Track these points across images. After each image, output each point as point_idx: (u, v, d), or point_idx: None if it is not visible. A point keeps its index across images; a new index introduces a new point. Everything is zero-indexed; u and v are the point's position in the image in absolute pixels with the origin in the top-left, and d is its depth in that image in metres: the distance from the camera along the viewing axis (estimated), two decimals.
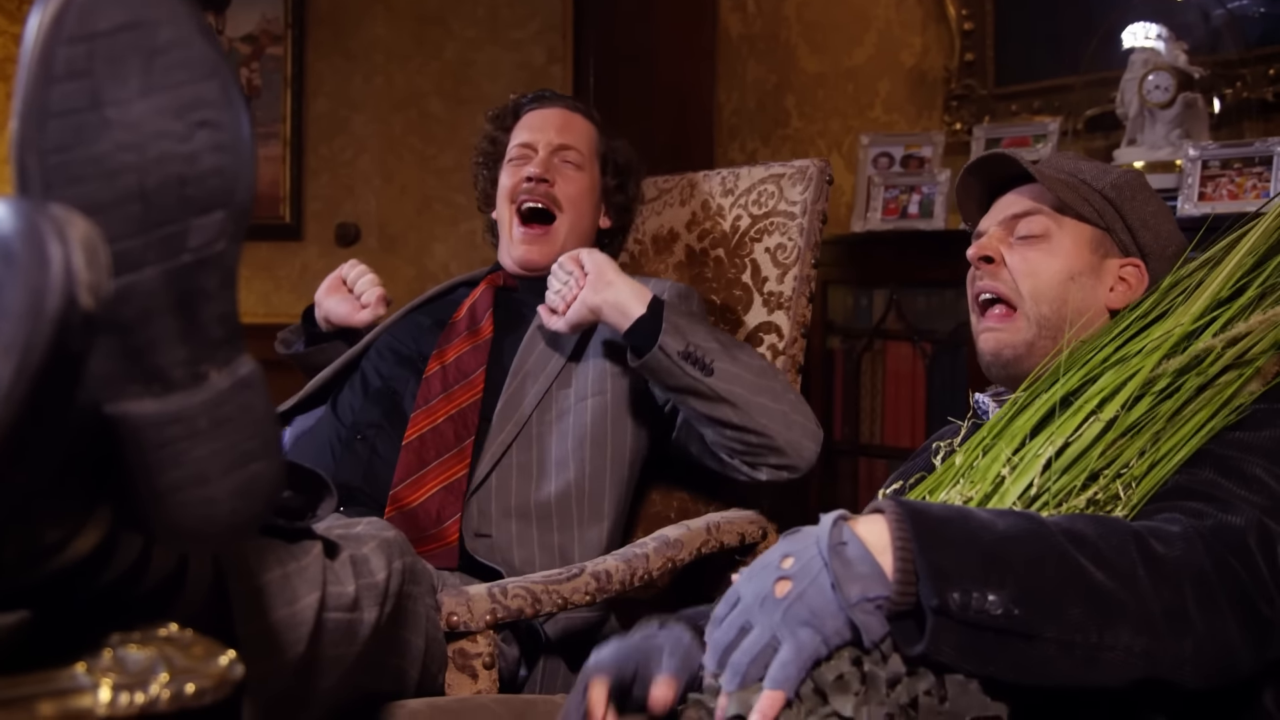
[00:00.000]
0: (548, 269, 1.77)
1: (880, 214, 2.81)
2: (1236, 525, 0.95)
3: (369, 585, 0.99)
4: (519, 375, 1.71)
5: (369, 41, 3.70)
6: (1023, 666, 0.86)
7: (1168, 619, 0.88)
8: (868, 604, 0.86)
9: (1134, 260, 1.26)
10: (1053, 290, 1.24)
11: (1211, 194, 2.23)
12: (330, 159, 3.73)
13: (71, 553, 0.66)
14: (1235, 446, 1.03)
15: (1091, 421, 1.07)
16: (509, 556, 1.57)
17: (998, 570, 0.86)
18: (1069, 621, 0.86)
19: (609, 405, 1.69)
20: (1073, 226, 1.26)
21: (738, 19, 3.50)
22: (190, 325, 0.68)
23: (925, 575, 0.85)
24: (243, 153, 0.69)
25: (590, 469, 1.65)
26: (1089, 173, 1.29)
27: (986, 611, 0.84)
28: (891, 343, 2.80)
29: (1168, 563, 0.90)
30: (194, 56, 0.68)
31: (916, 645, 0.85)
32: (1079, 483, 1.04)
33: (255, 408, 0.70)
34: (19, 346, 0.52)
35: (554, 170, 1.84)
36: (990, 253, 1.27)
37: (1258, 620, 0.91)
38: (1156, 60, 2.44)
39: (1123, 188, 1.27)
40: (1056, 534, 0.90)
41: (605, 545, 1.64)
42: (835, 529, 0.90)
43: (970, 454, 1.12)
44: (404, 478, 1.60)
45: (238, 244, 0.70)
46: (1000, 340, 1.26)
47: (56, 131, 0.66)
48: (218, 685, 0.67)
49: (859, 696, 0.84)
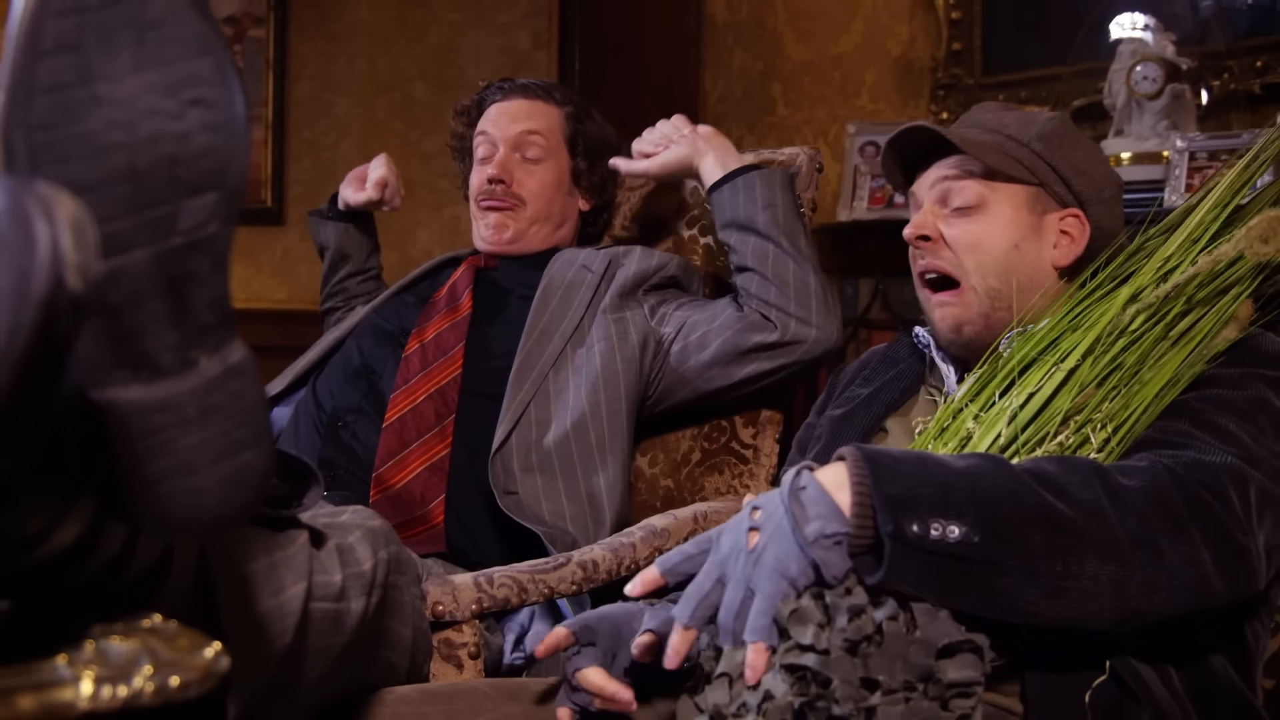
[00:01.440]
0: (517, 248, 1.81)
1: (866, 203, 2.80)
2: (1211, 462, 0.96)
3: (355, 574, 0.98)
4: (534, 334, 1.71)
5: (352, 24, 3.67)
6: (986, 598, 0.88)
7: (1134, 547, 0.90)
8: (826, 540, 0.88)
9: (1073, 210, 1.24)
10: (998, 261, 1.22)
11: (1199, 185, 2.23)
12: (313, 143, 3.70)
13: (54, 543, 0.64)
14: (1210, 402, 1.04)
15: (1055, 371, 1.07)
16: (538, 511, 1.57)
17: (956, 501, 0.88)
18: (1031, 549, 0.88)
19: (615, 347, 1.71)
20: (1006, 190, 1.22)
21: (724, 6, 3.49)
22: (180, 310, 0.66)
23: (882, 506, 0.87)
24: (236, 133, 0.67)
25: (606, 410, 1.66)
26: (1013, 126, 1.25)
27: (944, 539, 0.86)
28: (877, 332, 2.80)
29: (1133, 493, 0.92)
30: (187, 32, 0.66)
31: (877, 573, 0.87)
32: (1050, 430, 1.05)
33: (246, 395, 0.68)
34: (3, 330, 0.51)
35: (513, 168, 1.84)
36: (927, 231, 1.24)
37: (1231, 548, 0.93)
38: (1144, 51, 2.44)
39: (1049, 137, 1.24)
40: (1018, 470, 0.92)
41: (622, 486, 1.66)
42: (797, 477, 0.92)
43: (939, 422, 1.13)
44: (386, 459, 1.59)
45: (230, 227, 0.68)
46: (956, 316, 1.24)
47: (44, 108, 0.64)
48: (203, 678, 0.65)
49: (819, 626, 0.85)
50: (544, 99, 1.90)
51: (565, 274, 1.77)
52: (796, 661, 0.84)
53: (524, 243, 1.84)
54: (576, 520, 1.59)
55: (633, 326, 1.73)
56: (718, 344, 1.68)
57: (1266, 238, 1.06)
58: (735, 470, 1.80)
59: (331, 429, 1.66)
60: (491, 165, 1.83)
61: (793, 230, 1.67)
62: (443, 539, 1.56)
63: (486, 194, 1.83)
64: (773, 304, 1.65)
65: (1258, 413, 1.03)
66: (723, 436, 1.82)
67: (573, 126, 1.90)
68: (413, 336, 1.73)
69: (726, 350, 1.68)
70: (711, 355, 1.69)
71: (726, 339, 1.68)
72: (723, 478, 1.80)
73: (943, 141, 1.24)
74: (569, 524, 1.58)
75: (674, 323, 1.74)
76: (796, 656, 0.85)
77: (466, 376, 1.68)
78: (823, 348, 1.67)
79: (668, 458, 1.86)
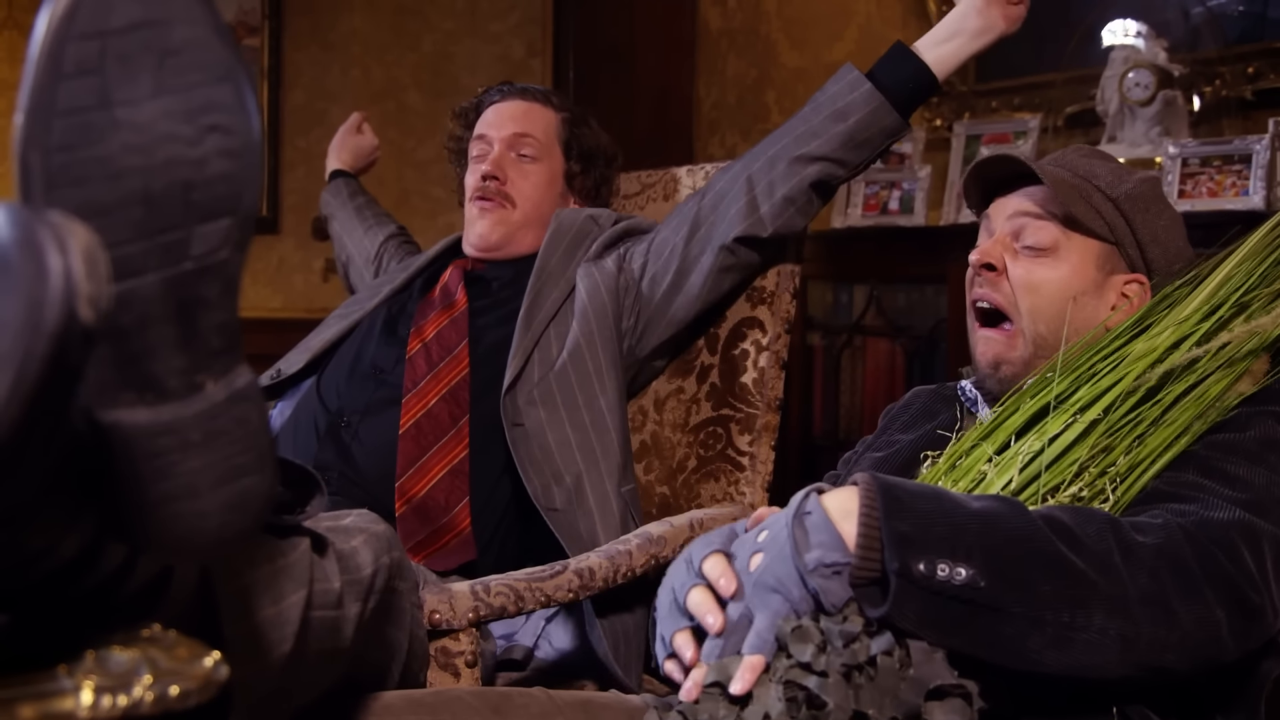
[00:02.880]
0: (504, 254, 1.83)
1: (861, 210, 2.81)
2: (1220, 519, 0.95)
3: (354, 581, 0.98)
4: (541, 276, 1.75)
5: (346, 33, 3.68)
6: (989, 643, 0.87)
7: (1144, 604, 0.89)
8: (825, 569, 0.87)
9: (1139, 277, 1.21)
10: (1052, 308, 1.19)
11: (1191, 191, 2.24)
12: (307, 151, 3.70)
13: (54, 559, 0.64)
14: (1219, 448, 1.03)
15: (1075, 422, 1.07)
16: (544, 441, 1.61)
17: (965, 543, 0.87)
18: (1039, 598, 0.87)
19: (599, 280, 1.75)
20: (1080, 241, 1.20)
21: (718, 13, 3.50)
22: (189, 334, 0.66)
23: (889, 542, 0.86)
24: (251, 159, 0.67)
25: (599, 338, 1.71)
26: (1104, 178, 1.23)
27: (950, 581, 0.85)
28: (871, 339, 2.80)
29: (1146, 549, 0.91)
30: (209, 58, 0.66)
31: (880, 608, 0.86)
32: (1066, 478, 1.04)
33: (250, 420, 0.68)
34: (15, 361, 0.50)
35: (507, 165, 1.85)
36: (993, 260, 1.22)
37: (1246, 608, 0.92)
38: (1136, 57, 2.45)
39: (1137, 199, 1.21)
40: (1032, 516, 0.91)
41: (621, 410, 1.70)
42: (804, 500, 0.92)
43: (954, 454, 1.12)
44: (407, 467, 1.60)
45: (242, 252, 0.68)
46: (999, 355, 1.22)
47: (62, 130, 0.64)
48: (202, 686, 0.65)
49: (818, 647, 0.85)
50: (541, 102, 1.92)
51: (574, 220, 1.82)
52: (797, 680, 0.84)
53: (512, 246, 1.85)
54: (583, 448, 1.62)
55: (610, 262, 1.78)
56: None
57: None
58: (731, 477, 1.80)
59: (333, 430, 1.66)
60: (486, 162, 1.85)
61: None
62: (472, 545, 1.57)
63: (480, 190, 1.85)
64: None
65: (1268, 453, 1.02)
66: (719, 444, 1.82)
67: (568, 130, 1.92)
68: (413, 336, 1.73)
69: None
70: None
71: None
72: (719, 485, 1.81)
73: (1028, 174, 1.23)
74: (576, 451, 1.61)
75: (641, 249, 1.80)
76: (797, 675, 0.85)
77: (475, 373, 1.69)
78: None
79: (664, 465, 1.86)
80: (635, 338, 1.77)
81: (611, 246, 1.81)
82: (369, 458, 1.61)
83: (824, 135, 1.63)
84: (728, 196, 1.70)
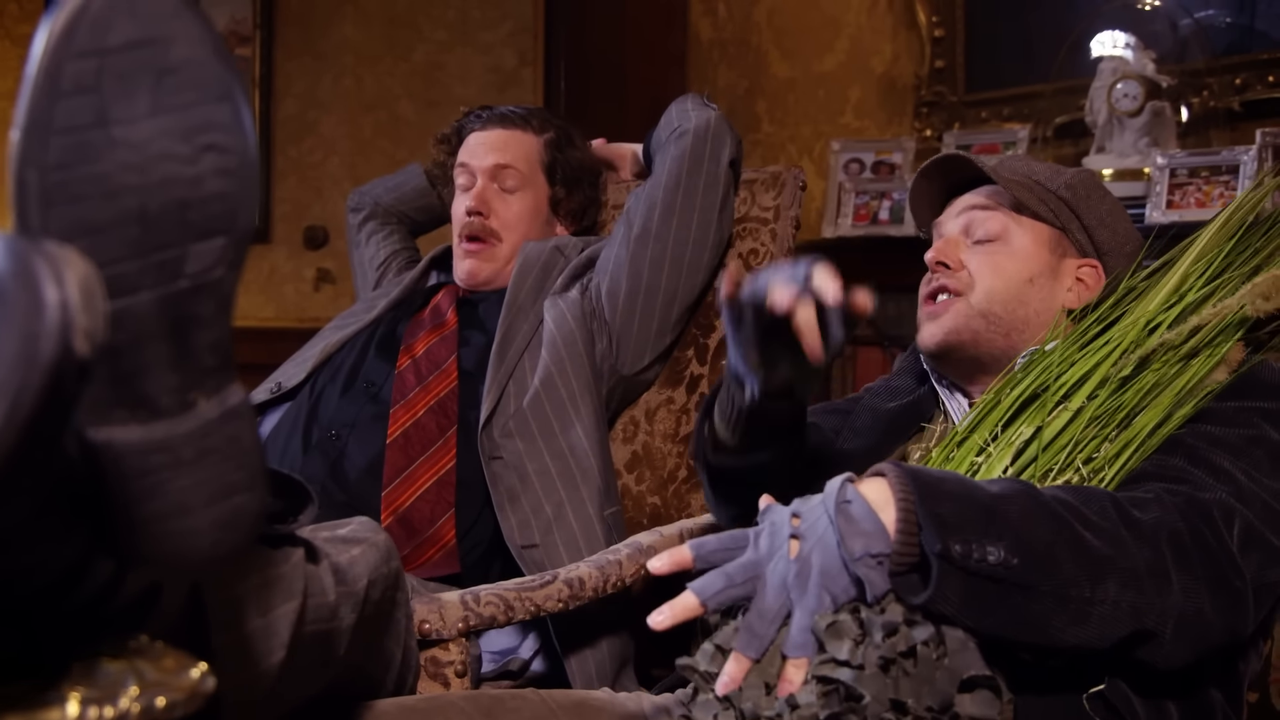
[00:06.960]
0: (492, 288, 1.82)
1: (851, 219, 2.82)
2: (1205, 500, 0.97)
3: (349, 593, 0.97)
4: (512, 310, 1.75)
5: (338, 43, 3.68)
6: (1021, 620, 0.88)
7: (1151, 575, 0.91)
8: (870, 559, 0.87)
9: (1090, 260, 1.25)
10: (1009, 289, 1.23)
11: (1179, 202, 2.25)
12: (299, 161, 3.70)
13: (45, 575, 0.64)
14: (1205, 440, 1.04)
15: (1059, 411, 1.09)
16: (524, 471, 1.61)
17: (996, 524, 0.88)
18: (1063, 575, 0.88)
19: (565, 310, 1.76)
20: (1030, 226, 1.24)
21: (709, 24, 3.50)
22: (182, 352, 0.66)
23: (928, 525, 0.86)
24: (247, 178, 0.67)
25: (570, 367, 1.71)
26: (1043, 174, 1.28)
27: (986, 561, 0.86)
28: (862, 348, 2.81)
29: (1146, 524, 0.93)
30: (206, 77, 0.66)
31: (921, 594, 0.86)
32: (1057, 464, 1.06)
33: (242, 439, 0.68)
34: (10, 393, 0.50)
35: (490, 198, 1.85)
36: (947, 259, 1.25)
37: (1228, 590, 0.94)
38: (1125, 69, 2.46)
39: (1077, 187, 1.26)
40: (1045, 496, 0.93)
41: (599, 435, 1.70)
42: (841, 489, 0.91)
43: (943, 451, 1.13)
44: (394, 477, 1.60)
45: (236, 271, 0.68)
46: (942, 326, 1.23)
47: (59, 148, 0.63)
48: (189, 698, 0.65)
49: (855, 641, 0.85)
50: (522, 128, 1.90)
51: (540, 252, 1.83)
52: (830, 675, 0.84)
53: (500, 280, 1.84)
54: (563, 475, 1.62)
55: (575, 291, 1.79)
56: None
57: (1268, 295, 1.09)
58: None
59: (321, 443, 1.66)
60: (470, 197, 1.84)
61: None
62: (456, 558, 1.57)
63: (465, 226, 1.84)
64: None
65: (1253, 448, 1.03)
66: None
67: (551, 154, 1.90)
68: (402, 353, 1.74)
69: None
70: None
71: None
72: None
73: (973, 180, 1.27)
74: (556, 479, 1.62)
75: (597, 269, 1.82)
76: (831, 670, 0.84)
77: (463, 386, 1.69)
78: None
79: (654, 474, 1.86)
80: (614, 357, 1.77)
81: (577, 277, 1.82)
82: (356, 472, 1.61)
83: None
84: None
